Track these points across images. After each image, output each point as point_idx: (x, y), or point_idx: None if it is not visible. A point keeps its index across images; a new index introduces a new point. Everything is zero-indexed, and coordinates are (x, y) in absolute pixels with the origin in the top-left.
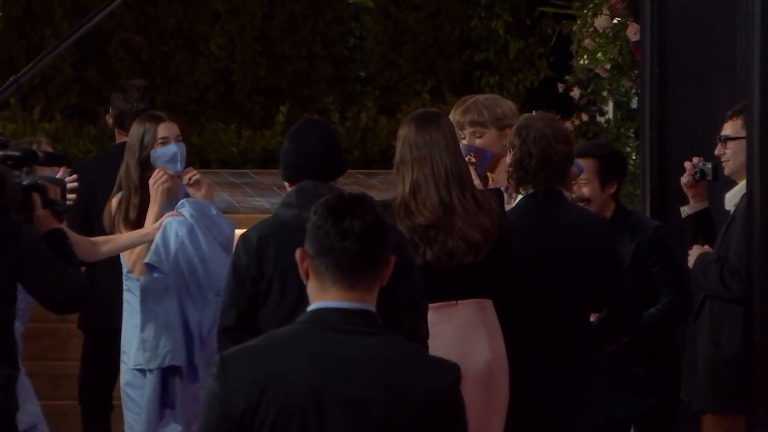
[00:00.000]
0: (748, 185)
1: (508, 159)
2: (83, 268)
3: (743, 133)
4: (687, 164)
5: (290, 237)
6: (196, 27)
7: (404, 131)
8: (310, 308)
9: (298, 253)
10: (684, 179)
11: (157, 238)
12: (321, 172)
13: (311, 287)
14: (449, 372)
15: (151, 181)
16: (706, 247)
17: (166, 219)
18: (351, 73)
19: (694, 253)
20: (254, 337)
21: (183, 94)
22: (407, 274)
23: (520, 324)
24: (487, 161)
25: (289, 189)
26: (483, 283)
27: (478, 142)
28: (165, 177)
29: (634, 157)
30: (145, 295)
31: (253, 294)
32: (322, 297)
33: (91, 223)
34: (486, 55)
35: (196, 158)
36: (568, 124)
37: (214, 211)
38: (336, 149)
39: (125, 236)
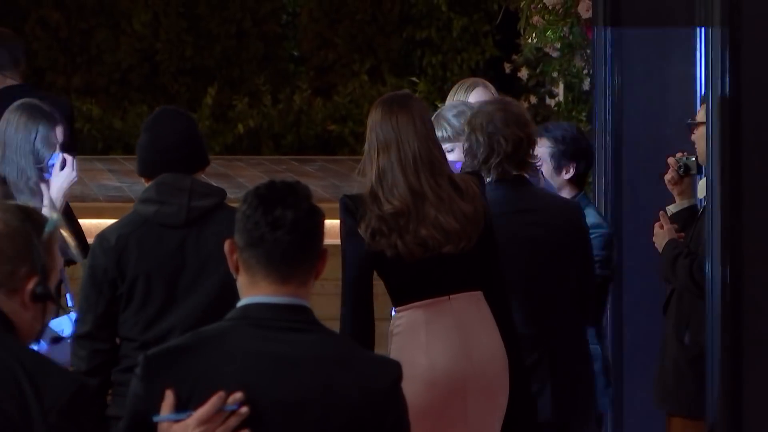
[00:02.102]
0: (708, 171)
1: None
2: None
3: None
4: (670, 160)
5: (152, 235)
6: (118, 3)
7: (371, 117)
8: (240, 304)
9: (227, 246)
10: (668, 176)
11: None
12: (179, 165)
13: (241, 282)
14: (390, 371)
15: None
16: (670, 228)
17: None
18: (284, 52)
19: (661, 236)
20: (112, 344)
21: (104, 75)
22: None
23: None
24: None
25: (146, 184)
26: (473, 275)
27: (450, 156)
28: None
29: None
30: None
31: (112, 298)
32: (253, 292)
33: None
34: (428, 33)
35: (119, 143)
36: None
37: None
38: (195, 140)
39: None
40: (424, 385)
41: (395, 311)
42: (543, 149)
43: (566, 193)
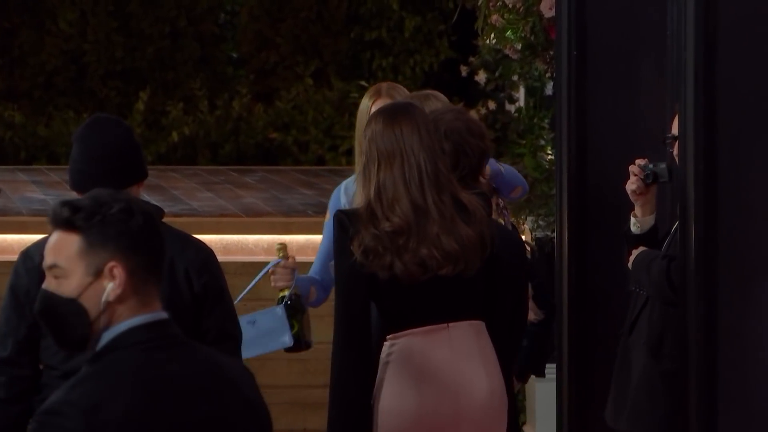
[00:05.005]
0: (681, 181)
1: None
2: None
3: None
4: (634, 168)
5: None
6: (43, 0)
7: (370, 127)
8: (128, 327)
9: (111, 271)
10: (632, 185)
11: None
12: (114, 178)
13: (126, 306)
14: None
15: None
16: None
17: None
18: (221, 53)
19: (635, 253)
20: (34, 371)
21: (28, 78)
22: (218, 299)
23: None
24: None
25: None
26: (475, 303)
27: None
28: None
29: (549, 152)
30: None
31: (35, 322)
32: (145, 310)
33: None
34: (378, 33)
35: (43, 153)
36: (473, 113)
37: None
38: (131, 151)
39: None
40: (411, 423)
41: (388, 339)
42: None
43: None
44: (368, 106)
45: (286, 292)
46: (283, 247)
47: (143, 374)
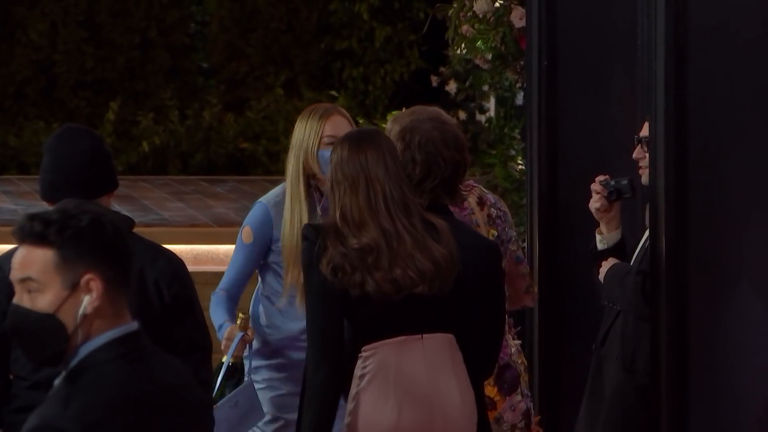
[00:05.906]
0: (652, 191)
1: None
2: None
3: None
4: (596, 186)
5: None
6: (12, 11)
7: (336, 154)
8: (105, 341)
9: (88, 284)
10: (596, 203)
11: None
12: (84, 188)
13: (101, 319)
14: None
15: None
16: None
17: None
18: (192, 64)
19: (606, 266)
20: (4, 381)
21: None
22: (188, 310)
23: None
24: None
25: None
26: (447, 317)
27: None
28: None
29: (520, 161)
30: None
31: (4, 332)
32: (119, 322)
33: None
34: (348, 43)
35: (14, 163)
36: None
37: None
38: (102, 161)
39: None
40: None
41: (363, 351)
42: None
43: None
44: (320, 125)
45: (229, 359)
46: (246, 319)
47: (133, 387)
